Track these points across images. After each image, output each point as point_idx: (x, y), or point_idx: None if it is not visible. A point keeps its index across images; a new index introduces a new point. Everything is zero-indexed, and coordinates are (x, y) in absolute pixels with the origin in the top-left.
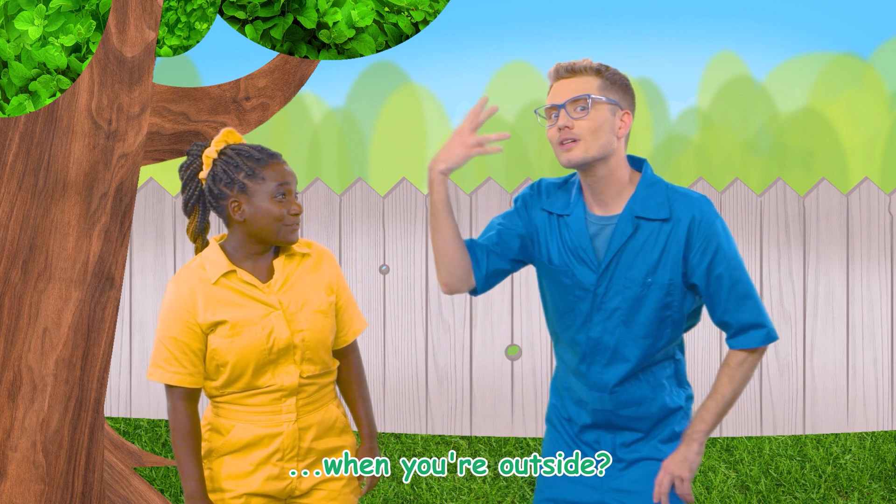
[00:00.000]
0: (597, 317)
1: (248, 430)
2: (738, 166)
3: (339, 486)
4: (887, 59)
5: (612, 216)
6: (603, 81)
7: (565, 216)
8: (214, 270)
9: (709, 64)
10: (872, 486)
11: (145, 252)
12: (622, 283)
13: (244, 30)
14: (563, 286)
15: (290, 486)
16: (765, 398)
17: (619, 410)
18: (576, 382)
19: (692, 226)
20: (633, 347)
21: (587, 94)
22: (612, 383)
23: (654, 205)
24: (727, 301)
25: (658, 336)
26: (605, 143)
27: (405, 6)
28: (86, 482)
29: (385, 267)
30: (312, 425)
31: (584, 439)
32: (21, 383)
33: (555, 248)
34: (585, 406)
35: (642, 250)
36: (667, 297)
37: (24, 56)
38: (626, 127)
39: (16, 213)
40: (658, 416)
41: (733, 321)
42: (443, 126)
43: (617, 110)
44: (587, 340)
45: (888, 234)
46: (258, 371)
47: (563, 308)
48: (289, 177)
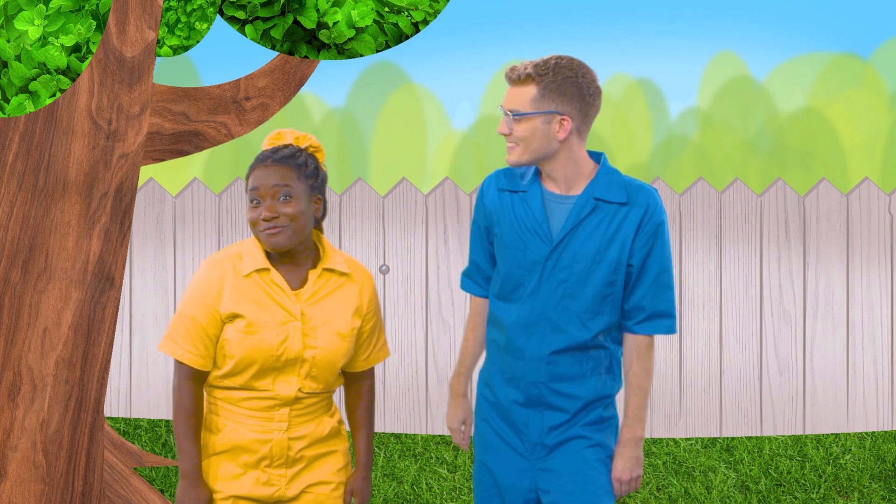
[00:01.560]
0: (544, 288)
1: (238, 432)
2: (738, 166)
3: (327, 490)
4: (887, 59)
5: (571, 196)
6: (539, 91)
7: (522, 192)
8: (250, 264)
9: (709, 64)
10: (872, 486)
11: (145, 252)
12: (572, 258)
13: (244, 30)
14: (515, 260)
15: (279, 492)
16: (765, 398)
17: (552, 384)
18: (511, 360)
19: (646, 213)
20: (574, 321)
21: (514, 111)
22: (549, 352)
23: (614, 189)
24: (651, 286)
25: (598, 313)
26: (539, 148)
27: (405, 6)
28: (86, 482)
29: (385, 267)
30: (304, 436)
31: (513, 420)
32: (21, 383)
33: (508, 224)
34: (519, 383)
35: (596, 229)
36: (612, 275)
37: (24, 56)
38: (566, 130)
39: (16, 213)
40: (588, 399)
41: (649, 306)
42: (443, 126)
43: (553, 118)
44: (531, 310)
45: (888, 234)
46: (260, 374)
47: (513, 282)
48: (260, 182)
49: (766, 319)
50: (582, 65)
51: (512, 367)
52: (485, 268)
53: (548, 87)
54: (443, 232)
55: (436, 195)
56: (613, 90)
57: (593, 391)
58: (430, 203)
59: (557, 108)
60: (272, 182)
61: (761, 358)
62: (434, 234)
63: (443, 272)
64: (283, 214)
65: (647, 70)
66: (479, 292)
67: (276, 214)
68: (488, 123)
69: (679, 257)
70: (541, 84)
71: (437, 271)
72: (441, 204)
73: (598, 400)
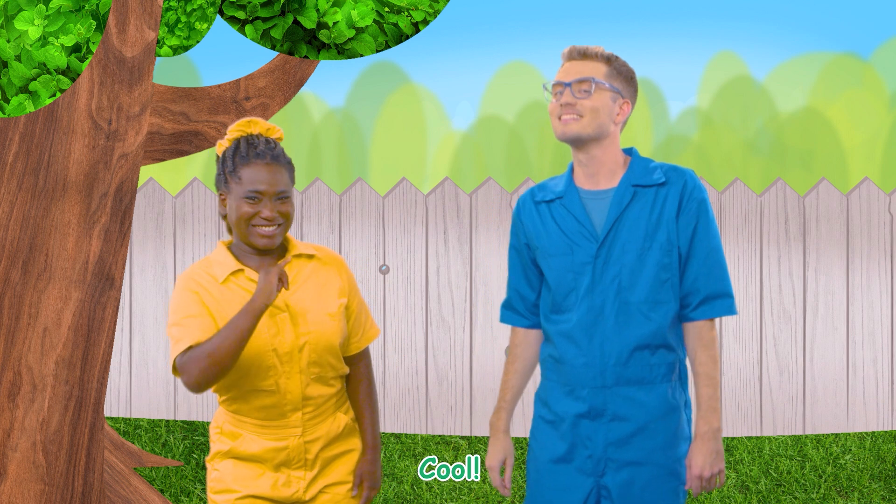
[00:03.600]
0: (598, 287)
1: (254, 441)
2: (738, 166)
3: (344, 490)
4: (887, 59)
5: (608, 189)
6: (610, 69)
7: (559, 199)
8: (222, 270)
9: (709, 64)
10: (872, 486)
11: (145, 252)
12: (621, 250)
13: (244, 30)
14: (563, 265)
15: (297, 494)
16: (765, 398)
17: (618, 388)
18: (570, 370)
19: (684, 190)
20: (636, 315)
21: (592, 78)
22: (614, 353)
23: (650, 173)
24: (702, 266)
25: (658, 301)
26: (602, 124)
27: (405, 6)
28: (86, 482)
29: (385, 267)
30: (319, 437)
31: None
32: (21, 383)
33: (551, 233)
34: (581, 392)
35: (640, 216)
36: (665, 258)
37: (24, 56)
38: (624, 114)
39: (16, 213)
40: (657, 409)
41: (704, 287)
42: (443, 126)
43: (618, 98)
44: (588, 312)
45: (888, 234)
46: (262, 373)
47: (565, 288)
48: (262, 183)
49: (766, 319)
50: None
51: (572, 377)
52: (527, 294)
53: (618, 69)
54: (443, 232)
55: (436, 195)
56: None
57: (663, 400)
58: (430, 203)
59: (623, 90)
60: (276, 185)
61: (761, 358)
62: (434, 234)
63: (443, 272)
64: (281, 214)
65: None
66: (521, 323)
67: (275, 214)
68: (488, 123)
69: None
70: (611, 64)
71: (437, 271)
72: (441, 204)
73: (670, 413)
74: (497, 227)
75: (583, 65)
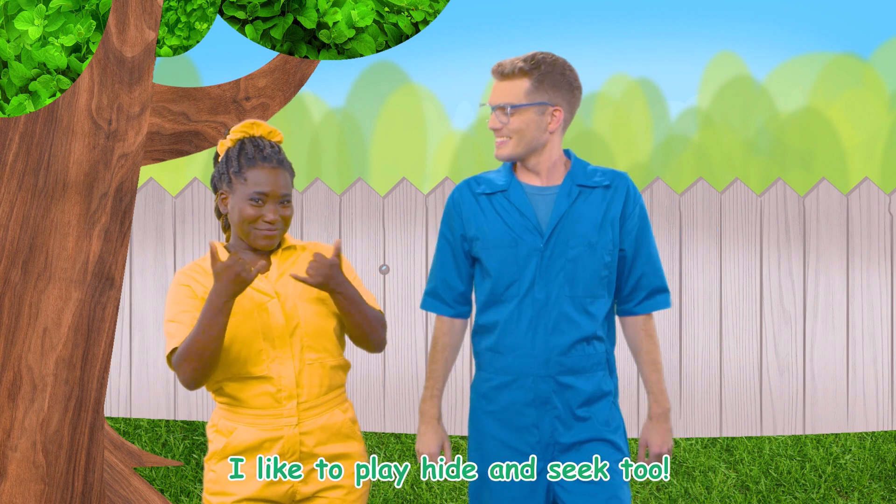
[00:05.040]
0: (542, 280)
1: (249, 432)
2: (738, 166)
3: (341, 494)
4: (887, 59)
5: (552, 186)
6: (532, 83)
7: (501, 191)
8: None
9: (709, 64)
10: (872, 486)
11: (145, 252)
12: (566, 245)
13: (244, 30)
14: (507, 257)
15: (292, 490)
16: (765, 398)
17: (561, 377)
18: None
19: (628, 195)
20: (577, 308)
21: (508, 104)
22: (558, 344)
23: (591, 175)
24: (646, 265)
25: (597, 296)
26: (532, 140)
27: (405, 6)
28: (86, 482)
29: (385, 267)
30: (315, 430)
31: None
32: (21, 383)
33: (493, 225)
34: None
35: (584, 214)
36: (607, 257)
37: (24, 56)
38: (558, 120)
39: (16, 213)
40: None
41: (647, 284)
42: (443, 126)
43: (546, 109)
44: (532, 304)
45: (888, 234)
46: (251, 358)
47: (507, 280)
48: (268, 186)
49: (766, 319)
50: (565, 60)
51: (515, 367)
52: (455, 285)
53: (540, 80)
54: None
55: (436, 195)
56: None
57: (596, 386)
58: (430, 203)
59: (550, 99)
60: (280, 189)
61: (761, 358)
62: (434, 234)
63: None
64: (283, 217)
65: (647, 70)
66: (446, 312)
67: (278, 217)
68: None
69: (679, 257)
70: (532, 77)
71: None
72: (441, 204)
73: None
74: None
75: (503, 86)
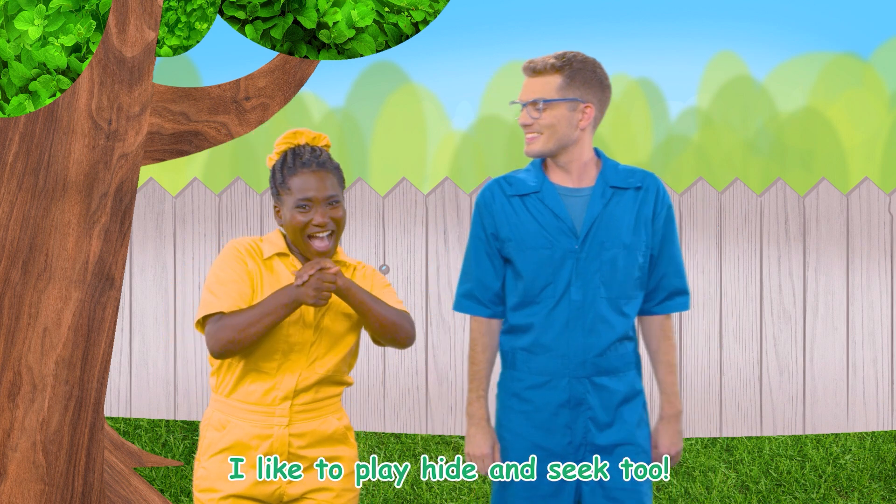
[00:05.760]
0: (578, 282)
1: (241, 428)
2: (738, 166)
3: (329, 496)
4: (887, 59)
5: (584, 188)
6: (564, 80)
7: (534, 192)
8: (270, 248)
9: (709, 64)
10: (872, 486)
11: (145, 252)
12: (602, 247)
13: (244, 30)
14: (542, 259)
15: (279, 491)
16: (765, 398)
17: (596, 378)
18: (547, 361)
19: (658, 197)
20: (613, 309)
21: (540, 99)
22: (595, 345)
23: (624, 176)
24: (669, 266)
25: (631, 297)
26: (563, 136)
27: (405, 6)
28: (86, 482)
29: (385, 267)
30: (305, 433)
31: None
32: (21, 383)
33: (527, 227)
34: (559, 383)
35: (618, 216)
36: (641, 258)
37: (24, 56)
38: (589, 117)
39: (16, 213)
40: (627, 395)
41: (668, 285)
42: (443, 126)
43: (577, 105)
44: (568, 306)
45: (888, 234)
46: (267, 355)
47: (542, 282)
48: (311, 190)
49: (766, 319)
50: (595, 59)
51: (550, 368)
52: (491, 284)
53: (572, 76)
54: (443, 232)
55: (436, 195)
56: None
57: (629, 386)
58: (430, 203)
59: (581, 95)
60: (325, 191)
61: (761, 358)
62: (434, 234)
63: (443, 272)
64: (333, 219)
65: (647, 70)
66: (483, 313)
67: (327, 220)
68: (488, 123)
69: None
70: (564, 73)
71: (437, 271)
72: (441, 204)
73: (636, 397)
74: None
75: (535, 82)
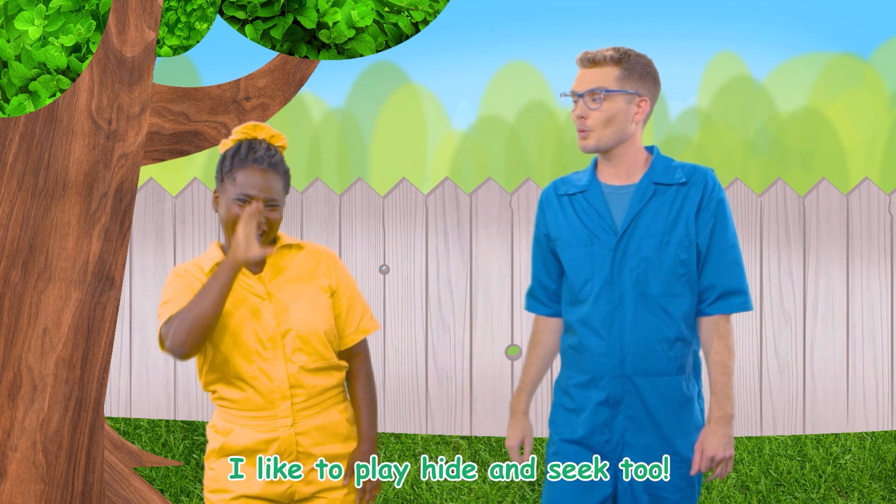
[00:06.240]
0: (617, 279)
1: (245, 434)
2: (738, 166)
3: (340, 495)
4: (887, 59)
5: (629, 185)
6: (621, 72)
7: (581, 192)
8: (209, 261)
9: (709, 64)
10: (872, 486)
11: (145, 252)
12: (640, 243)
13: (244, 30)
14: (582, 256)
15: (291, 490)
16: (765, 398)
17: (637, 378)
18: (590, 359)
19: (705, 190)
20: (654, 307)
21: (601, 88)
22: (634, 343)
23: (671, 172)
24: (719, 263)
25: (675, 295)
26: (618, 130)
27: (405, 6)
28: (86, 482)
29: (385, 267)
30: (310, 430)
31: (595, 422)
32: (21, 383)
33: (572, 225)
34: (600, 382)
35: (659, 212)
36: (683, 253)
37: (24, 56)
38: (643, 112)
39: (16, 213)
40: (673, 399)
41: (720, 284)
42: (443, 126)
43: (634, 98)
44: (607, 303)
45: (888, 234)
46: (244, 358)
47: (583, 278)
48: (255, 188)
49: (766, 319)
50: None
51: (592, 367)
52: (547, 283)
53: (629, 69)
54: (443, 232)
55: (436, 195)
56: None
57: (678, 391)
58: (430, 203)
59: (638, 89)
60: (268, 192)
61: (761, 358)
62: (434, 234)
63: (443, 272)
64: (269, 220)
65: None
66: (542, 311)
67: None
68: (488, 123)
69: None
70: (623, 65)
71: (437, 271)
72: (441, 204)
73: (685, 404)
74: (497, 227)
75: (593, 73)
